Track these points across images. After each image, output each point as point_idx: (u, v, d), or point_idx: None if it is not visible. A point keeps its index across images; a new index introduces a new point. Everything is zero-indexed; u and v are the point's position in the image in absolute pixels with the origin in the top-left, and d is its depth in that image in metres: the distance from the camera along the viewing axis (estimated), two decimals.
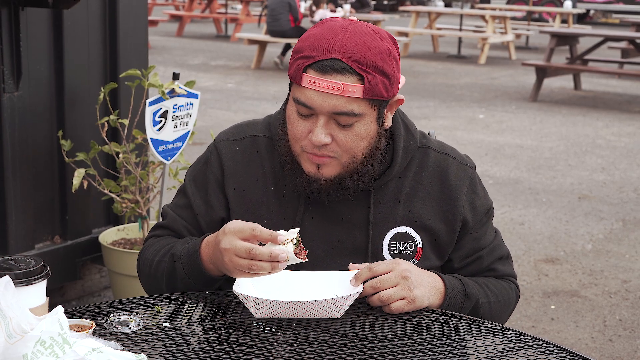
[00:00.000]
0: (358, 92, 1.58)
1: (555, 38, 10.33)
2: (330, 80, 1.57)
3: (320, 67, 1.58)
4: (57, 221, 3.62)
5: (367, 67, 1.58)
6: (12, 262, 1.42)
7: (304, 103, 1.61)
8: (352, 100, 1.59)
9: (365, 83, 1.58)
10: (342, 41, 1.59)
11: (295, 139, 1.67)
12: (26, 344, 1.24)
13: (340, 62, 1.57)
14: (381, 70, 1.60)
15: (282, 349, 1.47)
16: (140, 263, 1.82)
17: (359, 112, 1.61)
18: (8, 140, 3.30)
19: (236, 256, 1.53)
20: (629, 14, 21.30)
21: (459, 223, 1.77)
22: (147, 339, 1.49)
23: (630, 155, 7.46)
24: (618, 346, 3.69)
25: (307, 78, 1.59)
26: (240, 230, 1.54)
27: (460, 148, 7.24)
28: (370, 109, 1.63)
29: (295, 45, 1.66)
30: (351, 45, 1.58)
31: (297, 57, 1.62)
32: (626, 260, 4.78)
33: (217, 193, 1.78)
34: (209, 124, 7.78)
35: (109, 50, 3.69)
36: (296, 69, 1.62)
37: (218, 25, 17.58)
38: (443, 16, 18.06)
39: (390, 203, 1.75)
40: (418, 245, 1.75)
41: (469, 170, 1.81)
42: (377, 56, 1.59)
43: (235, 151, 1.80)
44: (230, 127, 1.87)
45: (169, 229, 1.82)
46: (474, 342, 1.56)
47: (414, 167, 1.78)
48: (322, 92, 1.58)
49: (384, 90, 1.61)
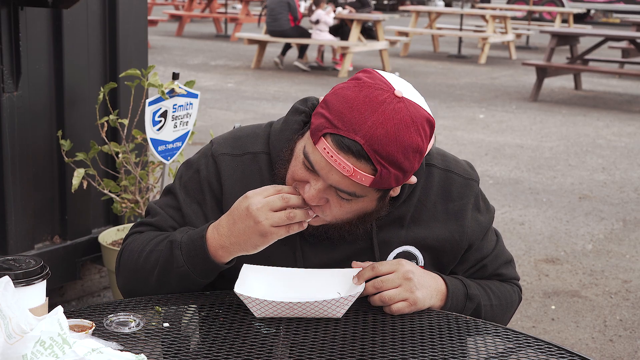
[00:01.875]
0: (366, 181, 1.52)
1: (555, 38, 10.33)
2: (343, 160, 1.50)
3: (339, 143, 1.50)
4: (57, 221, 3.61)
5: (385, 162, 1.50)
6: (11, 262, 1.41)
7: (311, 163, 1.55)
8: (358, 184, 1.54)
9: (376, 176, 1.52)
10: (373, 124, 1.48)
11: (292, 178, 1.62)
12: (26, 345, 1.23)
13: (360, 148, 1.49)
14: (399, 166, 1.52)
15: (282, 349, 1.47)
16: (123, 257, 1.74)
17: (361, 194, 1.56)
18: (8, 140, 3.30)
19: (271, 211, 1.53)
20: (630, 14, 21.31)
21: (464, 244, 1.75)
22: (147, 339, 1.49)
23: (631, 155, 7.46)
24: (618, 346, 3.69)
25: (324, 145, 1.52)
26: (262, 190, 1.56)
27: (460, 148, 7.24)
28: (374, 193, 1.58)
29: (327, 96, 1.56)
30: (379, 132, 1.48)
31: (323, 114, 1.53)
32: (627, 260, 4.78)
33: (214, 209, 1.73)
34: (209, 124, 7.78)
35: (109, 50, 3.69)
36: (317, 128, 1.54)
37: (218, 25, 17.59)
38: (443, 16, 18.06)
39: (395, 226, 1.72)
40: (420, 264, 1.74)
41: (473, 186, 1.77)
42: (401, 152, 1.50)
43: (235, 169, 1.73)
44: (229, 138, 1.79)
45: (155, 227, 1.76)
46: (475, 343, 1.56)
47: (418, 190, 1.74)
48: (331, 165, 1.53)
49: (394, 182, 1.55)
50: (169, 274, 1.67)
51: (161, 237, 1.70)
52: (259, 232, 1.55)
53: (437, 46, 15.68)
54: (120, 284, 1.76)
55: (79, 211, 3.64)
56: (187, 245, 1.64)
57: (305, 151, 1.57)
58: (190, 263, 1.64)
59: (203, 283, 1.69)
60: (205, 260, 1.63)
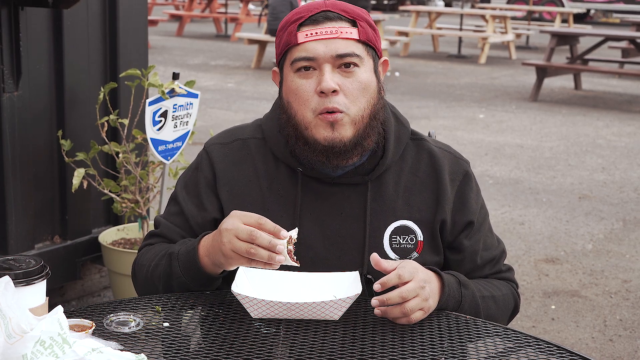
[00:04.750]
0: (354, 34, 1.69)
1: (555, 38, 10.32)
2: (326, 27, 1.67)
3: (313, 20, 1.69)
4: (57, 221, 3.61)
5: (355, 16, 1.71)
6: (12, 262, 1.42)
7: (305, 56, 1.67)
8: (350, 42, 1.68)
9: (358, 26, 1.69)
10: (325, 1, 1.72)
11: (304, 103, 1.68)
12: (26, 344, 1.24)
13: (331, 12, 1.70)
14: (366, 21, 1.72)
15: (282, 349, 1.47)
16: (136, 270, 1.81)
17: (359, 53, 1.69)
18: (8, 140, 3.30)
19: (236, 237, 1.53)
20: (630, 14, 21.30)
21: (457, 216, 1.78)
22: (147, 339, 1.49)
23: (631, 155, 7.45)
24: (618, 346, 3.69)
25: (303, 33, 1.68)
26: (246, 215, 1.55)
27: (461, 148, 7.24)
28: (367, 56, 1.71)
29: (280, 22, 1.75)
30: (335, 2, 1.73)
31: (286, 27, 1.72)
32: (626, 260, 4.78)
33: (209, 195, 1.78)
34: (209, 124, 7.78)
35: (109, 50, 3.69)
36: (288, 34, 1.70)
37: (218, 25, 17.58)
38: (443, 16, 18.05)
39: (389, 197, 1.75)
40: (419, 239, 1.75)
41: (464, 164, 1.82)
42: (359, 10, 1.73)
43: (226, 154, 1.80)
44: (219, 132, 1.89)
45: (163, 237, 1.82)
46: (475, 343, 1.56)
47: (410, 160, 1.79)
48: (321, 40, 1.67)
49: (374, 38, 1.72)
50: (173, 284, 1.71)
51: (163, 252, 1.75)
52: (222, 252, 1.57)
53: (437, 46, 15.67)
54: (138, 293, 1.83)
55: (79, 211, 3.65)
56: (184, 257, 1.68)
57: (295, 57, 1.69)
58: (187, 275, 1.68)
59: (207, 289, 1.71)
60: (199, 272, 1.66)
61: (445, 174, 1.77)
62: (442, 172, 1.77)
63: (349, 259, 1.71)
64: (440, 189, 1.77)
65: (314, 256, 1.72)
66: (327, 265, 1.71)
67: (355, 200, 1.75)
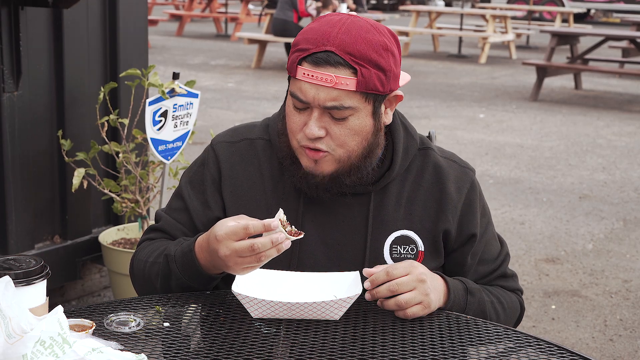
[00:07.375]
0: (351, 85, 1.58)
1: (555, 37, 10.32)
2: (323, 73, 1.58)
3: (314, 60, 1.59)
4: (57, 221, 3.61)
5: (361, 60, 1.58)
6: (12, 262, 1.41)
7: (297, 96, 1.62)
8: (345, 93, 1.59)
9: (358, 76, 1.58)
10: (337, 34, 1.59)
11: (292, 132, 1.67)
12: (26, 344, 1.23)
13: (334, 55, 1.58)
14: (376, 64, 1.59)
15: (283, 349, 1.47)
16: (134, 265, 1.80)
17: (352, 105, 1.60)
18: (8, 140, 3.30)
19: (240, 257, 1.53)
20: (630, 14, 21.30)
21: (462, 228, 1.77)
22: (147, 339, 1.49)
23: (631, 154, 7.45)
24: (619, 346, 3.69)
25: (302, 70, 1.61)
26: (234, 232, 1.53)
27: (461, 148, 7.24)
28: (365, 103, 1.62)
29: (294, 39, 1.67)
30: (346, 38, 1.59)
31: (294, 51, 1.64)
32: (627, 260, 4.78)
33: (213, 193, 1.78)
34: (209, 124, 7.78)
35: (109, 49, 3.69)
36: (292, 61, 1.63)
37: (218, 25, 17.58)
38: (443, 15, 18.05)
39: (391, 207, 1.74)
40: (419, 249, 1.74)
41: (469, 174, 1.80)
42: (371, 50, 1.59)
43: (232, 153, 1.79)
44: (227, 130, 1.87)
45: (163, 231, 1.81)
46: (475, 345, 1.55)
47: (415, 170, 1.77)
48: (315, 85, 1.59)
49: (379, 84, 1.61)
50: (171, 284, 1.71)
51: (160, 250, 1.74)
52: (233, 271, 1.57)
53: (437, 46, 15.67)
54: (137, 289, 1.83)
55: (79, 211, 3.65)
56: (181, 259, 1.67)
57: (292, 91, 1.64)
58: (187, 276, 1.68)
59: (208, 288, 1.71)
60: (200, 273, 1.66)
61: (450, 184, 1.76)
62: (446, 182, 1.76)
63: (349, 268, 1.71)
64: (444, 198, 1.75)
65: (315, 264, 1.72)
66: (326, 271, 1.71)
67: (358, 209, 1.74)
